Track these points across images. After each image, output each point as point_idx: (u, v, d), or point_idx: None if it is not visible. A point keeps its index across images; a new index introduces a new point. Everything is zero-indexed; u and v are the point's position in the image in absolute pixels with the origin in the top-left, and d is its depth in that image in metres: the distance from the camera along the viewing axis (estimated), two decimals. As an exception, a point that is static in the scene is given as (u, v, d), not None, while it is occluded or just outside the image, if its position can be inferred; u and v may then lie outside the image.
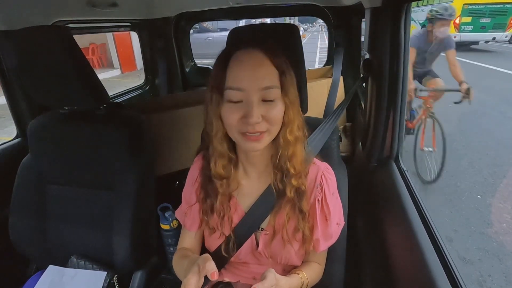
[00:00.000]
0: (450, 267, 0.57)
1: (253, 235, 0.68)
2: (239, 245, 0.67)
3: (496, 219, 2.16)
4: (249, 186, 0.68)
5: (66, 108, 0.98)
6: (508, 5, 7.81)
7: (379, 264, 0.76)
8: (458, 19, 7.83)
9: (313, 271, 0.69)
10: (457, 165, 2.89)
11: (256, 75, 0.54)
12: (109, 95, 1.10)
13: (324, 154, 0.75)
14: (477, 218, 2.17)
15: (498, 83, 5.46)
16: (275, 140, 0.60)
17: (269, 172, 0.65)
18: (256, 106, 0.54)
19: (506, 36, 8.09)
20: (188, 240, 0.75)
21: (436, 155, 2.50)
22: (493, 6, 7.85)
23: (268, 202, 0.65)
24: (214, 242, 0.70)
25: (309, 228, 0.65)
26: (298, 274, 0.65)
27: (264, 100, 0.55)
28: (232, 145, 0.64)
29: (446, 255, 0.59)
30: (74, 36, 0.86)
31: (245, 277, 0.73)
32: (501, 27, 7.94)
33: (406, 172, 0.89)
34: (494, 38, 8.26)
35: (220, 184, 0.64)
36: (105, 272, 0.94)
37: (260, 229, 0.68)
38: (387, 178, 0.88)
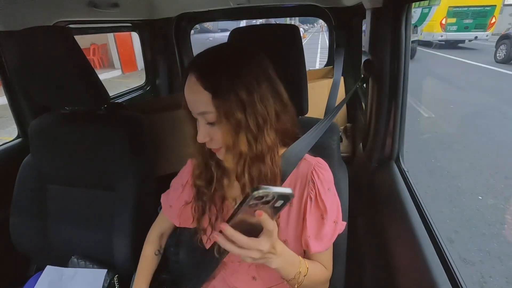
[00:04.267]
0: (451, 268, 0.56)
1: None
2: None
3: (497, 220, 2.16)
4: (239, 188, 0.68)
5: (67, 109, 0.98)
6: (488, 7, 8.92)
7: (380, 264, 0.75)
8: (444, 19, 9.06)
9: (315, 267, 0.65)
10: (458, 166, 2.89)
11: (191, 101, 0.56)
12: (110, 95, 1.10)
13: (325, 155, 0.74)
14: (478, 219, 2.16)
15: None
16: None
17: None
18: (203, 127, 0.57)
19: (487, 35, 9.23)
20: (166, 225, 0.83)
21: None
22: (475, 8, 9.00)
23: None
24: (209, 241, 0.71)
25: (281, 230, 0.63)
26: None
27: (208, 123, 0.57)
28: None
29: (447, 256, 0.59)
30: (75, 37, 0.86)
31: (245, 277, 0.73)
32: (482, 27, 9.14)
33: (407, 172, 0.88)
34: (476, 37, 9.46)
35: (207, 190, 0.67)
36: (105, 270, 0.94)
37: None
38: (388, 178, 0.88)
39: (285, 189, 0.43)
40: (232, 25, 5.76)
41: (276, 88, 0.58)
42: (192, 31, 2.19)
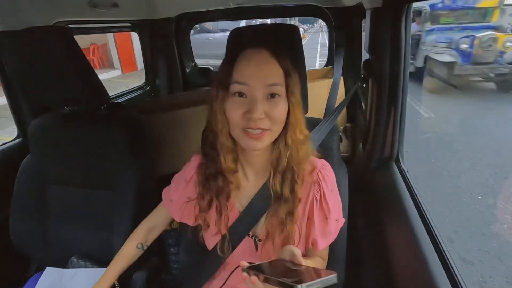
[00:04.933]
0: (450, 268, 0.57)
1: (251, 237, 0.68)
2: (234, 245, 0.67)
3: (497, 220, 2.16)
4: (245, 187, 0.68)
5: (67, 109, 0.98)
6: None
7: (380, 264, 0.75)
8: None
9: (317, 263, 0.69)
10: (458, 166, 2.89)
11: (261, 72, 0.56)
12: (110, 95, 1.10)
13: (325, 155, 0.74)
14: (478, 219, 2.17)
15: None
16: (276, 141, 0.61)
17: (266, 174, 0.65)
18: (260, 102, 0.55)
19: None
20: (161, 217, 0.80)
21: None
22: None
23: (263, 204, 0.65)
24: (211, 239, 0.70)
25: (297, 229, 0.64)
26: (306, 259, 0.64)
27: (269, 98, 0.57)
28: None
29: (447, 256, 0.59)
30: (75, 37, 0.86)
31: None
32: None
33: (406, 172, 0.88)
34: None
35: (222, 180, 0.65)
36: (105, 269, 0.94)
37: (252, 236, 0.68)
38: (388, 178, 0.88)
39: (330, 277, 0.42)
40: (232, 25, 5.76)
41: None
42: (192, 31, 2.19)
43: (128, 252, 0.80)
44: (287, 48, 0.75)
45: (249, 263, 0.49)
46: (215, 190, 0.66)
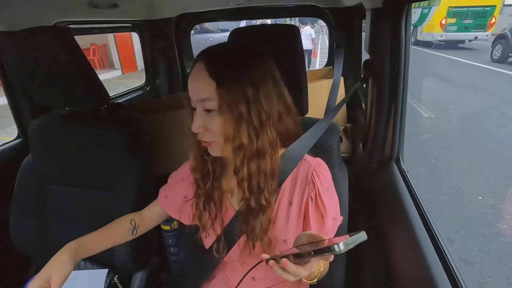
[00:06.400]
0: (451, 268, 0.57)
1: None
2: (229, 246, 0.67)
3: (497, 220, 2.16)
4: None
5: (67, 109, 0.98)
6: (487, 8, 9.01)
7: (380, 265, 0.75)
8: (444, 20, 9.16)
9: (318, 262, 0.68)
10: (458, 166, 2.89)
11: (193, 86, 0.57)
12: (110, 95, 1.10)
13: (325, 155, 0.74)
14: (478, 219, 2.16)
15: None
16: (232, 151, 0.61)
17: None
18: (199, 116, 0.57)
19: (487, 36, 9.28)
20: (155, 211, 0.81)
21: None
22: (475, 8, 9.10)
23: None
24: (207, 240, 0.71)
25: (269, 223, 0.64)
26: None
27: (205, 112, 0.57)
28: None
29: (447, 256, 0.59)
30: (75, 37, 0.86)
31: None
32: (482, 27, 9.24)
33: (407, 173, 0.88)
34: (476, 37, 9.54)
35: (203, 184, 0.67)
36: (106, 270, 0.94)
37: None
38: (388, 179, 0.88)
39: (360, 234, 0.42)
40: (232, 25, 5.76)
41: (280, 90, 0.60)
42: (192, 32, 2.19)
43: (121, 220, 0.79)
44: (286, 48, 0.75)
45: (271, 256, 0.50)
46: (204, 194, 0.67)
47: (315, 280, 0.59)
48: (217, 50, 0.59)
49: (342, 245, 0.39)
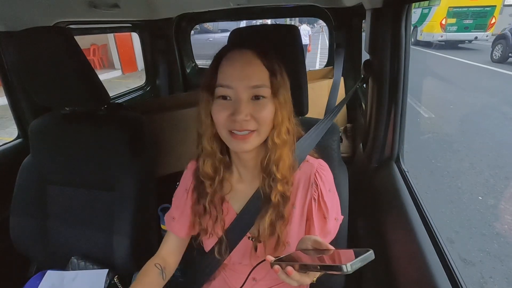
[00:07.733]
0: (451, 268, 0.57)
1: (250, 239, 0.68)
2: (231, 247, 0.67)
3: (498, 220, 2.16)
4: (242, 190, 0.68)
5: (67, 109, 0.98)
6: (487, 8, 9.00)
7: (380, 265, 0.75)
8: (444, 20, 9.15)
9: None
10: (458, 166, 2.89)
11: (245, 73, 0.55)
12: (110, 95, 1.10)
13: (325, 155, 0.74)
14: (478, 219, 2.16)
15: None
16: (265, 142, 0.60)
17: (261, 176, 0.65)
18: (245, 104, 0.55)
19: (487, 36, 9.23)
20: (171, 244, 0.74)
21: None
22: (475, 8, 9.09)
23: (258, 206, 0.65)
24: (208, 242, 0.70)
25: (286, 233, 0.64)
26: None
27: (254, 99, 0.56)
28: (226, 147, 0.64)
29: (447, 256, 0.59)
30: (75, 37, 0.86)
31: (244, 278, 0.72)
32: (482, 27, 9.17)
33: (407, 173, 0.88)
34: (476, 38, 9.52)
35: (209, 184, 0.65)
36: (106, 270, 0.94)
37: (251, 238, 0.67)
38: (388, 179, 0.88)
39: (368, 254, 0.43)
40: (232, 25, 5.77)
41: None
42: (192, 32, 2.20)
43: (147, 269, 0.71)
44: (286, 48, 0.75)
45: (275, 257, 0.50)
46: (205, 196, 0.66)
47: (314, 279, 0.59)
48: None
49: (350, 266, 0.40)
